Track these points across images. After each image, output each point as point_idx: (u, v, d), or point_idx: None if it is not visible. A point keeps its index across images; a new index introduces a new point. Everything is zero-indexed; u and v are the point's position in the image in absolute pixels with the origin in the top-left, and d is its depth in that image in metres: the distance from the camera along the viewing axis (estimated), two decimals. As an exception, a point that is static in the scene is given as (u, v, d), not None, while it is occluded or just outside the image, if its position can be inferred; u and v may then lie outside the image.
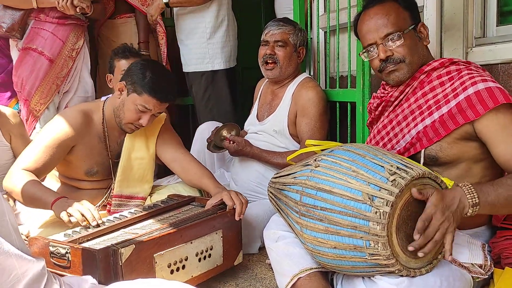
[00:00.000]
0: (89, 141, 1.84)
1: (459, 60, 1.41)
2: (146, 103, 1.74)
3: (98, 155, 1.87)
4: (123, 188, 1.89)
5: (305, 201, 1.22)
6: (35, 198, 1.63)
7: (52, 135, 1.75)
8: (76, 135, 1.79)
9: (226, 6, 2.74)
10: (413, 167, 1.13)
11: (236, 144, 2.15)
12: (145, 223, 1.59)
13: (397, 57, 1.39)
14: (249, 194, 2.17)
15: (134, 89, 1.75)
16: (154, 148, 1.94)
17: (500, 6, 1.88)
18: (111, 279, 1.27)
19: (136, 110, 1.75)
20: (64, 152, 1.78)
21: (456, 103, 1.28)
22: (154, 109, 1.76)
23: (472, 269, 1.22)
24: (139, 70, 1.75)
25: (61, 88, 2.55)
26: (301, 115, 2.15)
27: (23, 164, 1.70)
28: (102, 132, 1.87)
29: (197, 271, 1.50)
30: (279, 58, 2.17)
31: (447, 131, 1.29)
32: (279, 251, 1.41)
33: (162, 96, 1.75)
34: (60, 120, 1.79)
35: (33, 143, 1.77)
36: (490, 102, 1.23)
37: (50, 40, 2.46)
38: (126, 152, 1.89)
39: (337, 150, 1.28)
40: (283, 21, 2.24)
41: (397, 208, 1.08)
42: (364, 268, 1.14)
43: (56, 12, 2.46)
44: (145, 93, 1.73)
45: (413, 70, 1.41)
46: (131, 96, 1.76)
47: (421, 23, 1.45)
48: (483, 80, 1.27)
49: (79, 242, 1.39)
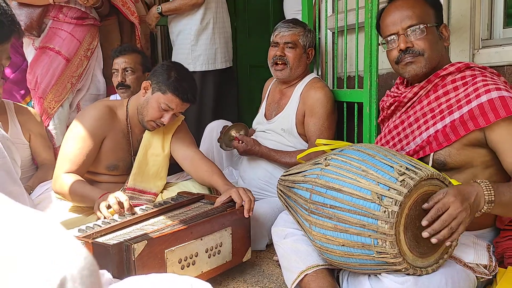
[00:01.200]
0: (114, 136, 1.92)
1: (475, 65, 1.40)
2: (169, 102, 1.82)
3: (121, 151, 1.95)
4: (137, 182, 1.95)
5: (314, 199, 1.24)
6: (84, 197, 1.76)
7: (83, 131, 1.82)
8: (104, 128, 1.87)
9: (214, 10, 2.82)
10: (422, 168, 1.15)
11: (245, 144, 2.18)
12: (156, 219, 1.62)
13: (416, 49, 1.39)
14: (257, 192, 2.20)
15: (159, 88, 1.83)
16: (169, 147, 2.00)
17: (507, 8, 1.89)
18: (124, 274, 1.30)
19: (159, 108, 1.83)
20: (97, 146, 1.86)
21: (468, 109, 1.28)
22: (176, 108, 1.84)
23: (477, 269, 1.24)
24: (165, 71, 1.84)
25: (75, 86, 2.59)
26: (309, 115, 2.17)
27: (64, 167, 1.81)
28: (125, 128, 1.95)
29: (207, 267, 1.54)
30: (289, 59, 2.19)
31: (457, 137, 1.30)
32: (287, 248, 1.44)
33: (184, 96, 1.82)
34: (88, 115, 1.87)
35: (66, 143, 1.84)
36: (502, 111, 1.23)
37: (68, 40, 2.50)
38: (143, 148, 1.95)
39: (348, 149, 1.30)
40: (292, 23, 2.26)
41: (405, 208, 1.10)
42: (371, 266, 1.16)
43: (74, 12, 2.50)
44: (169, 92, 1.81)
45: (430, 66, 1.40)
46: (155, 94, 1.83)
47: (444, 25, 1.45)
48: (497, 89, 1.27)
49: (93, 238, 1.42)
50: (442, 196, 1.11)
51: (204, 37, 2.83)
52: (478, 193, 1.13)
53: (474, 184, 1.16)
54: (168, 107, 1.82)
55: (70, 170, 1.81)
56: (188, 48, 2.79)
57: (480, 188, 1.14)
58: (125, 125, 1.95)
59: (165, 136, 1.99)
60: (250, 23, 3.67)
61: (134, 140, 1.98)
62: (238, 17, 3.64)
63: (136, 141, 1.98)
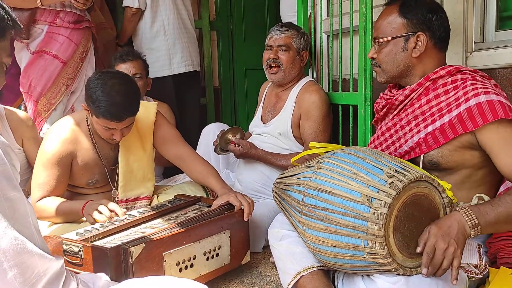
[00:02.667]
0: (83, 154, 1.84)
1: (466, 69, 1.41)
2: (107, 124, 1.69)
3: (95, 166, 1.88)
4: (127, 193, 1.90)
5: (307, 201, 1.27)
6: (67, 213, 1.74)
7: (49, 159, 1.77)
8: (69, 150, 1.80)
9: (164, 16, 2.88)
10: (411, 170, 1.17)
11: (241, 147, 2.20)
12: (154, 222, 1.64)
13: (376, 61, 1.48)
14: (253, 194, 2.22)
15: (92, 112, 1.70)
16: (151, 146, 1.94)
17: (500, 11, 1.91)
18: (122, 277, 1.32)
19: (105, 129, 1.72)
20: (67, 170, 1.81)
21: (457, 113, 1.30)
22: (118, 126, 1.70)
23: (468, 268, 1.26)
24: (90, 91, 1.67)
25: (70, 88, 2.61)
26: (304, 118, 2.19)
27: (38, 195, 1.77)
28: (92, 143, 1.86)
29: (205, 269, 1.55)
30: (282, 62, 2.21)
31: (446, 139, 1.32)
32: (283, 249, 1.46)
33: (118, 116, 1.66)
34: (51, 140, 1.79)
35: (37, 171, 1.79)
36: (490, 115, 1.24)
37: (65, 44, 2.52)
38: (124, 158, 1.88)
39: (339, 152, 1.32)
40: (286, 26, 2.28)
41: (394, 210, 1.13)
42: (362, 266, 1.19)
43: (71, 17, 2.52)
44: (100, 117, 1.67)
45: (389, 77, 1.47)
46: (93, 117, 1.72)
47: (420, 33, 1.38)
48: (486, 92, 1.28)
49: (91, 241, 1.44)
50: (427, 238, 1.14)
51: (156, 43, 2.90)
52: (460, 222, 1.15)
53: (453, 213, 1.18)
54: (109, 128, 1.71)
55: (43, 196, 1.77)
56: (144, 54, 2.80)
57: (460, 216, 1.16)
58: (91, 142, 1.85)
59: (143, 138, 1.91)
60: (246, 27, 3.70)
61: (107, 150, 1.89)
62: (234, 21, 3.66)
63: (111, 149, 1.89)
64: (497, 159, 1.27)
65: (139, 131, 1.90)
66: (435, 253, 1.12)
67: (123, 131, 1.74)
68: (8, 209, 0.85)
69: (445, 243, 1.11)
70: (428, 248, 1.12)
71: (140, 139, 1.91)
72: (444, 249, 1.11)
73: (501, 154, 1.26)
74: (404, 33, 1.41)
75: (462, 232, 1.14)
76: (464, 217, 1.15)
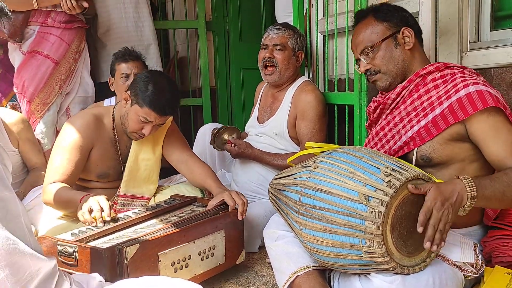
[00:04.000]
0: (102, 145, 1.89)
1: (454, 65, 1.46)
2: (147, 115, 1.78)
3: (110, 159, 1.93)
4: (129, 188, 1.94)
5: (304, 201, 1.26)
6: (67, 202, 1.73)
7: (70, 143, 1.80)
8: (91, 137, 1.85)
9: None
10: (408, 169, 1.17)
11: (238, 147, 2.20)
12: (149, 222, 1.63)
13: (372, 69, 1.50)
14: (249, 194, 2.21)
15: (136, 101, 1.79)
16: (161, 151, 1.99)
17: (494, 11, 1.92)
18: (117, 277, 1.31)
19: (139, 121, 1.80)
20: (85, 156, 1.85)
21: (448, 104, 1.33)
22: (155, 121, 1.80)
23: (464, 267, 1.27)
24: (142, 83, 1.79)
25: (63, 89, 2.60)
26: (300, 118, 2.19)
27: (51, 178, 1.78)
28: (113, 136, 1.93)
29: (200, 269, 1.55)
30: (278, 61, 2.21)
31: (438, 131, 1.35)
32: (278, 250, 1.46)
33: (161, 110, 1.78)
34: (74, 125, 1.84)
35: (55, 154, 1.82)
36: (479, 103, 1.28)
37: (57, 44, 2.52)
38: (134, 154, 1.94)
39: (336, 152, 1.32)
40: (282, 26, 2.28)
41: (391, 208, 1.13)
42: (360, 265, 1.18)
43: (62, 17, 2.51)
44: (145, 106, 1.76)
45: (392, 76, 1.49)
46: (134, 106, 1.80)
47: (404, 28, 1.47)
48: (474, 83, 1.32)
49: (86, 241, 1.43)
50: (426, 198, 1.14)
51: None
52: (460, 190, 1.16)
53: (456, 181, 1.19)
54: (146, 120, 1.79)
55: (58, 181, 1.78)
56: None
57: (462, 185, 1.17)
58: (112, 133, 1.93)
59: (155, 140, 1.99)
60: (243, 27, 3.69)
61: (123, 147, 1.96)
62: (231, 21, 3.66)
63: (125, 147, 1.96)
64: (485, 147, 1.30)
65: (153, 135, 1.95)
66: (432, 214, 1.12)
67: (155, 127, 1.84)
68: (0, 209, 0.85)
69: (443, 206, 1.13)
70: (426, 208, 1.13)
71: (152, 142, 1.98)
72: (442, 211, 1.13)
73: (489, 142, 1.29)
74: (390, 33, 1.48)
75: (459, 201, 1.16)
76: (466, 187, 1.17)
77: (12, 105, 2.84)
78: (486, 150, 1.30)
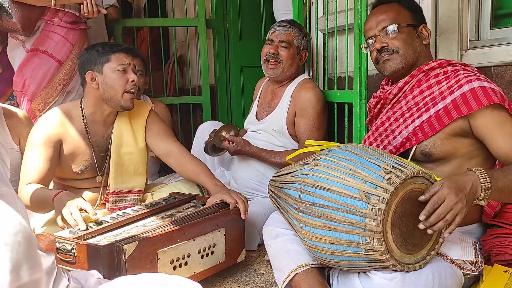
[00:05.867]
0: (72, 139, 1.83)
1: (456, 62, 1.47)
2: (120, 61, 1.80)
3: (84, 153, 1.86)
4: (118, 184, 1.90)
5: (304, 198, 1.26)
6: (41, 201, 1.68)
7: (38, 139, 1.76)
8: (58, 132, 1.80)
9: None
10: (408, 167, 1.17)
11: (235, 144, 2.19)
12: (148, 220, 1.63)
13: (391, 47, 1.48)
14: (248, 192, 2.21)
15: (101, 63, 1.80)
16: (144, 142, 1.94)
17: (494, 9, 1.92)
18: (115, 274, 1.30)
19: (119, 74, 1.79)
20: (56, 150, 1.79)
21: (451, 99, 1.33)
22: (131, 62, 1.83)
23: (463, 265, 1.26)
24: (91, 51, 1.83)
25: (66, 88, 2.59)
26: (300, 115, 2.19)
27: (26, 180, 1.74)
28: (83, 128, 1.86)
29: (199, 267, 1.54)
30: (282, 58, 2.21)
31: (441, 126, 1.35)
32: (277, 247, 1.45)
33: (125, 48, 1.83)
34: (39, 123, 1.81)
35: (26, 156, 1.78)
36: (484, 99, 1.28)
37: (61, 44, 2.51)
38: (115, 148, 1.89)
39: (336, 149, 1.32)
40: (289, 23, 2.27)
41: (392, 205, 1.12)
42: (360, 263, 1.18)
43: (69, 17, 2.51)
44: (111, 54, 1.79)
45: (406, 61, 1.48)
46: (104, 70, 1.80)
47: (424, 25, 1.51)
48: (478, 80, 1.32)
49: (84, 239, 1.43)
50: (438, 189, 1.12)
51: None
52: (474, 182, 1.15)
53: (469, 173, 1.18)
54: (124, 65, 1.79)
55: (31, 181, 1.74)
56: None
57: (475, 177, 1.16)
58: (83, 127, 1.86)
59: (136, 131, 1.93)
60: (242, 25, 3.69)
61: (98, 137, 1.90)
62: (230, 19, 3.66)
63: (102, 138, 1.90)
64: (491, 142, 1.30)
65: (132, 125, 1.92)
66: (444, 203, 1.10)
67: (139, 76, 1.90)
68: None
69: (457, 197, 1.10)
70: (437, 197, 1.11)
71: (133, 133, 1.93)
72: (455, 202, 1.10)
73: (495, 136, 1.29)
74: (414, 23, 1.50)
75: (473, 192, 1.15)
76: (480, 179, 1.16)
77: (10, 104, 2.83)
78: (493, 145, 1.30)
